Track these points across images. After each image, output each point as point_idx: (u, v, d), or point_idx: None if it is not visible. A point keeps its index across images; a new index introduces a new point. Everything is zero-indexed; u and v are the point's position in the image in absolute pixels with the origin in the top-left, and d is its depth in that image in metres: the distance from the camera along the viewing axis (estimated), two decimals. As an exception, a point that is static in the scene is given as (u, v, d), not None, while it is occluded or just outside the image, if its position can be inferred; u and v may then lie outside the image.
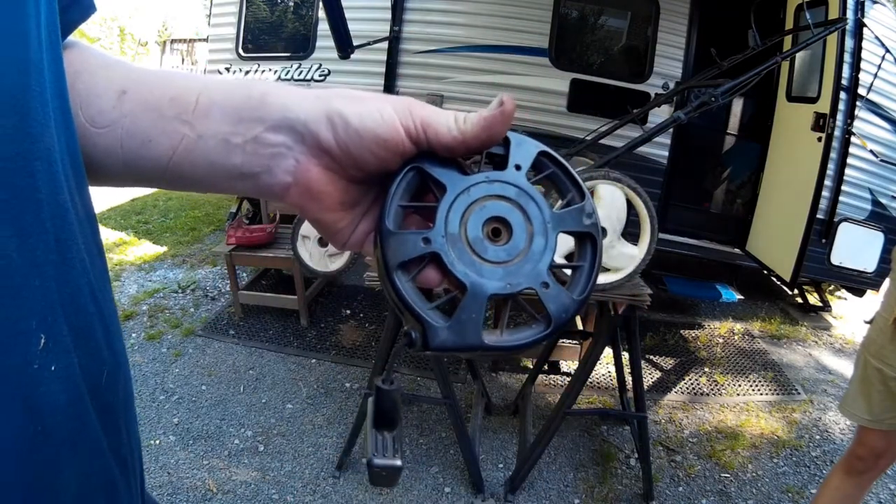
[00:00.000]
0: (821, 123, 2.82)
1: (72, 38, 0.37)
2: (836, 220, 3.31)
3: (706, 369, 3.15)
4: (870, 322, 1.52)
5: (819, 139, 2.79)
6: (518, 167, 0.31)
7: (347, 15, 2.96)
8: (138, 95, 0.34)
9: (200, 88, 0.34)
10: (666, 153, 3.59)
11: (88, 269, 0.32)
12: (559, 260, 0.32)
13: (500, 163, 0.32)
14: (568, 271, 0.33)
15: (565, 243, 1.46)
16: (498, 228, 0.31)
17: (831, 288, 4.30)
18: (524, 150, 0.32)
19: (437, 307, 0.30)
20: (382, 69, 3.67)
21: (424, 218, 0.33)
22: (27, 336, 0.26)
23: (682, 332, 3.59)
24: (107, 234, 4.74)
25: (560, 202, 0.33)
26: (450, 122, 0.31)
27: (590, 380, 2.51)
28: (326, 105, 0.32)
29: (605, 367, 3.05)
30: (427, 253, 0.30)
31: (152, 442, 2.28)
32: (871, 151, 3.27)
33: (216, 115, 0.33)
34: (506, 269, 0.30)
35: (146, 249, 4.44)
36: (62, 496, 0.29)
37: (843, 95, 2.98)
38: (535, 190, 0.31)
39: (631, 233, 1.71)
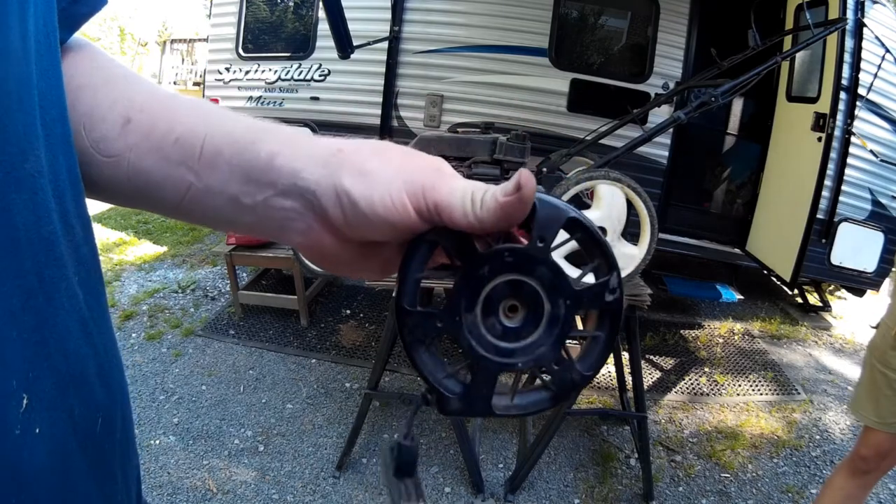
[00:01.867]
0: (821, 123, 2.82)
1: (78, 37, 0.35)
2: (836, 220, 3.31)
3: (706, 369, 3.15)
4: (875, 327, 1.53)
5: (819, 139, 2.79)
6: (542, 239, 0.29)
7: (347, 15, 2.96)
8: (142, 127, 0.33)
9: (205, 131, 0.33)
10: (666, 153, 3.60)
11: (81, 304, 0.30)
12: (559, 260, 0.32)
13: (524, 226, 0.31)
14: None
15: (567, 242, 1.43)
16: (515, 305, 0.31)
17: (831, 288, 4.30)
18: (550, 219, 0.30)
19: (454, 375, 0.31)
20: (382, 69, 3.67)
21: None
22: (7, 399, 0.24)
23: (682, 332, 3.59)
24: (107, 234, 4.74)
25: (586, 269, 0.32)
26: (466, 206, 0.28)
27: (590, 380, 2.51)
28: (335, 179, 0.30)
29: (605, 367, 3.05)
30: (441, 331, 0.31)
31: (152, 442, 2.28)
32: (871, 151, 3.27)
33: (223, 168, 0.32)
34: (520, 346, 0.31)
35: (146, 249, 4.44)
36: None
37: (843, 95, 2.98)
38: (557, 265, 0.30)
39: (631, 233, 1.71)
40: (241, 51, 3.93)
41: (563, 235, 0.31)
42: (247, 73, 3.92)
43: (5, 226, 0.24)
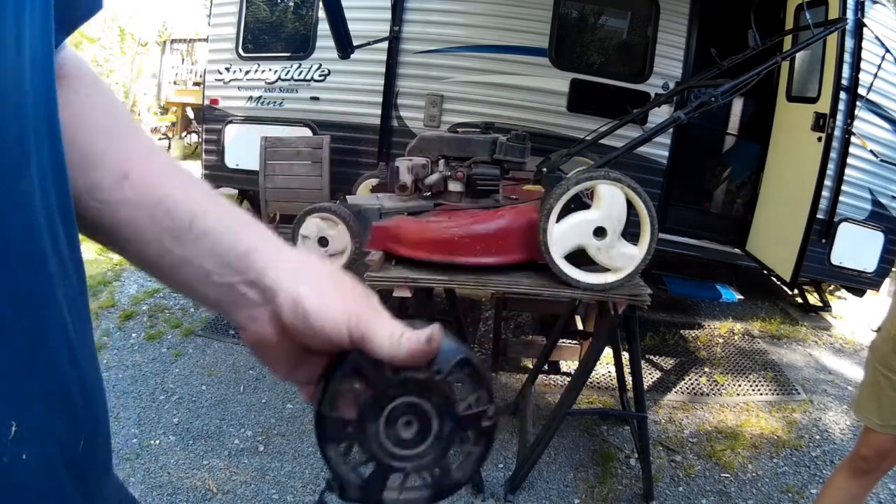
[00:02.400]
0: (821, 123, 2.82)
1: (74, 56, 0.36)
2: (836, 220, 3.31)
3: (706, 369, 3.15)
4: (877, 330, 1.54)
5: (819, 139, 2.79)
6: (438, 372, 0.37)
7: (347, 15, 2.96)
8: (138, 187, 0.36)
9: (196, 211, 0.37)
10: (666, 153, 3.59)
11: (68, 325, 0.30)
12: (559, 261, 0.33)
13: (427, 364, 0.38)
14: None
15: (566, 242, 1.43)
16: (411, 421, 0.37)
17: (831, 288, 4.30)
18: (447, 358, 0.37)
19: (354, 470, 0.37)
20: (382, 69, 3.67)
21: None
22: None
23: (682, 332, 3.59)
24: (107, 234, 4.73)
25: (470, 400, 0.39)
26: (384, 343, 0.34)
27: (590, 380, 2.51)
28: (296, 287, 0.36)
29: (605, 367, 3.05)
30: (351, 436, 0.37)
31: (152, 442, 2.28)
32: (871, 151, 3.27)
33: (205, 247, 0.37)
34: (410, 453, 0.37)
35: (146, 249, 4.43)
36: None
37: (843, 95, 2.98)
38: (446, 392, 0.37)
39: (631, 233, 1.70)
40: (241, 51, 3.93)
41: (562, 240, 0.33)
42: (247, 73, 3.92)
43: None
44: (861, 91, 3.12)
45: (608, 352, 2.64)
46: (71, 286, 0.31)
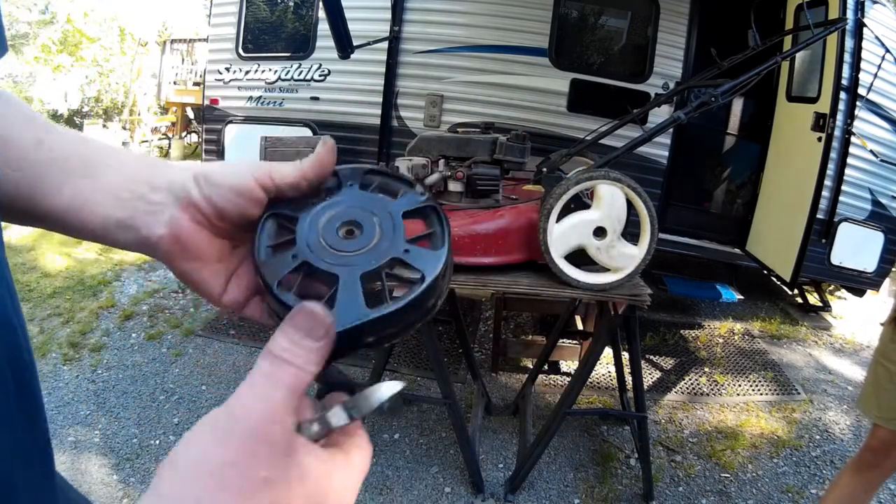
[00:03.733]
0: (821, 123, 2.82)
1: None
2: (836, 220, 3.31)
3: (706, 369, 3.15)
4: (884, 324, 1.57)
5: (819, 139, 2.79)
6: (350, 184, 0.38)
7: (347, 15, 2.95)
8: (53, 146, 0.39)
9: (109, 155, 0.40)
10: (666, 153, 3.59)
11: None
12: (559, 261, 0.33)
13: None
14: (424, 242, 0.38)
15: (566, 242, 1.43)
16: (352, 229, 0.36)
17: (831, 288, 4.30)
18: (354, 173, 0.39)
19: (310, 297, 0.33)
20: (382, 69, 3.67)
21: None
22: None
23: (682, 332, 3.59)
24: (107, 234, 4.73)
25: (400, 196, 0.39)
26: (289, 169, 0.37)
27: (590, 380, 2.51)
28: (196, 169, 0.38)
29: (605, 367, 3.05)
30: (298, 264, 0.34)
31: (152, 442, 2.28)
32: (871, 151, 3.27)
33: (114, 175, 0.39)
34: (367, 253, 0.35)
35: (146, 249, 4.43)
36: None
37: (843, 95, 2.98)
38: (370, 196, 0.38)
39: (631, 233, 1.70)
40: (241, 51, 3.93)
41: (562, 241, 0.32)
42: (247, 73, 3.92)
43: None
44: (861, 91, 3.12)
45: (608, 352, 2.64)
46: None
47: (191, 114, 9.52)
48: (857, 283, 3.55)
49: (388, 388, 0.30)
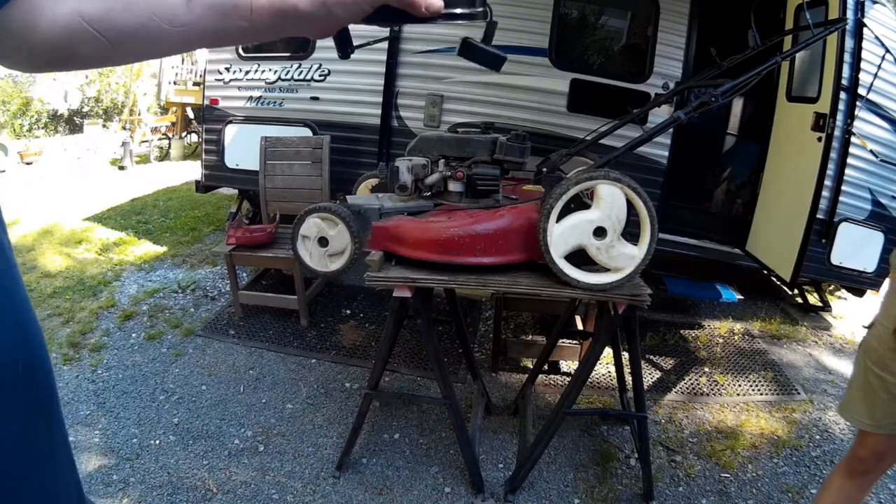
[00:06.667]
0: (821, 123, 2.82)
1: None
2: (836, 220, 3.31)
3: (706, 369, 3.15)
4: (868, 327, 1.48)
5: (819, 139, 2.79)
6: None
7: (347, 15, 2.94)
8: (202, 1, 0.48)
9: None
10: (666, 153, 3.59)
11: None
12: (559, 261, 0.33)
13: None
14: None
15: (566, 242, 1.44)
16: None
17: (831, 288, 4.30)
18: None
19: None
20: (382, 69, 3.67)
21: None
22: None
23: (682, 332, 3.59)
24: (107, 234, 4.74)
25: None
26: None
27: (590, 380, 2.51)
28: None
29: (605, 367, 3.05)
30: None
31: (152, 442, 2.28)
32: (871, 151, 3.27)
33: (264, 13, 0.50)
34: None
35: (146, 249, 4.44)
36: None
37: (843, 95, 2.98)
38: None
39: (631, 233, 1.70)
40: (240, 51, 3.93)
41: (561, 241, 0.32)
42: (247, 73, 3.92)
43: None
44: (861, 91, 3.12)
45: (608, 352, 2.64)
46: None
47: (191, 114, 9.52)
48: (857, 283, 3.55)
49: None
